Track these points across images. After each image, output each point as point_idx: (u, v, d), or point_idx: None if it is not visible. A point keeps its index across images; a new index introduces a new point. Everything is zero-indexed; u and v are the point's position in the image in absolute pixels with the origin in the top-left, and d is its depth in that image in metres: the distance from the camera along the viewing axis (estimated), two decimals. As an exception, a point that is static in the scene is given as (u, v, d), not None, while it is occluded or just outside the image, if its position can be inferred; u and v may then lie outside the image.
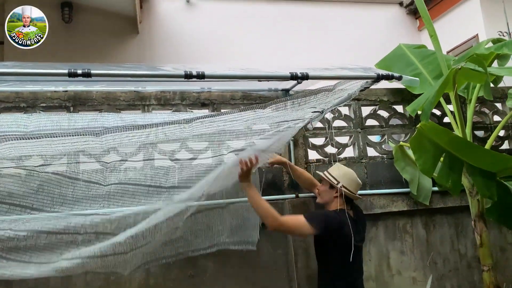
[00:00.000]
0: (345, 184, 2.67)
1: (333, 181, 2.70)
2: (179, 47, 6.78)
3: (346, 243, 2.56)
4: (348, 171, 2.76)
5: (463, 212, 3.63)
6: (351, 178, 2.71)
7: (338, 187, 2.66)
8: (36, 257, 2.26)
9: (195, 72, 2.05)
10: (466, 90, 3.67)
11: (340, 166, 2.82)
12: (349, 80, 2.59)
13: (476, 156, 2.89)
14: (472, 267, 3.64)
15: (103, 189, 2.54)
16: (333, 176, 2.72)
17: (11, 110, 2.96)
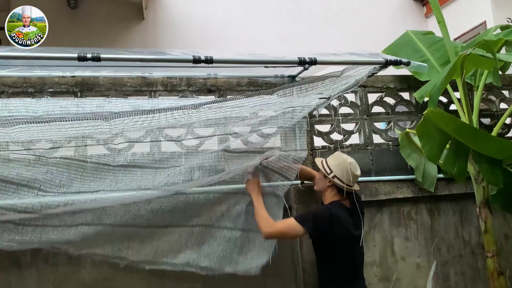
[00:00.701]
0: (338, 175, 2.62)
1: (327, 170, 2.67)
2: (184, 33, 6.76)
3: (339, 238, 2.56)
4: (344, 161, 2.66)
5: (468, 199, 3.65)
6: (345, 169, 2.62)
7: (329, 177, 2.65)
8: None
9: (204, 57, 2.05)
10: (473, 77, 3.65)
11: (339, 156, 2.76)
12: (356, 66, 2.58)
13: (482, 143, 2.89)
14: (476, 254, 3.66)
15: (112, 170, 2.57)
16: (328, 165, 2.68)
17: (19, 95, 2.97)
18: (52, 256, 2.88)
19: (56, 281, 2.86)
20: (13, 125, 2.11)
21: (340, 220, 2.56)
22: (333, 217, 2.56)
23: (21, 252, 2.83)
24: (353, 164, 2.68)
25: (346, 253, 2.62)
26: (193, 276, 3.05)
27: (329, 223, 2.54)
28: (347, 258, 2.63)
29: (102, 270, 2.93)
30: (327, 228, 2.54)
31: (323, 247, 2.66)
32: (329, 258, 2.65)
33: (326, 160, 2.74)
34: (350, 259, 2.64)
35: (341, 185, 2.62)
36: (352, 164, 2.67)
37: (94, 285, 2.91)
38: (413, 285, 3.48)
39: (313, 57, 2.32)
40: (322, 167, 2.70)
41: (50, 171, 2.47)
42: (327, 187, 2.69)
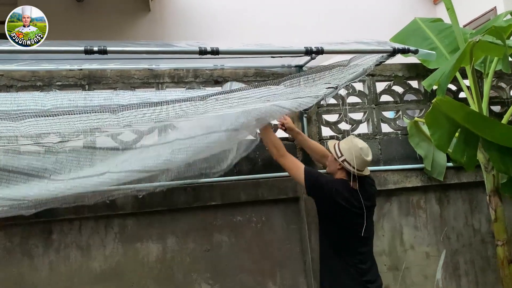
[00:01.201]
0: (348, 159, 2.63)
1: (337, 153, 2.68)
2: (191, 24, 6.74)
3: (339, 209, 2.59)
4: (355, 146, 2.65)
5: (477, 187, 3.63)
6: (355, 154, 2.62)
7: (339, 161, 2.66)
8: None
9: (210, 48, 2.05)
10: (483, 64, 3.60)
11: (351, 140, 2.74)
12: (364, 55, 2.55)
13: (492, 131, 2.86)
14: (486, 242, 3.65)
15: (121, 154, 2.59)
16: (340, 149, 2.69)
17: (27, 89, 2.99)
18: (64, 248, 2.92)
19: (68, 273, 2.90)
20: (22, 119, 2.12)
21: (340, 192, 2.61)
22: (335, 187, 2.62)
23: (34, 244, 2.88)
24: (364, 149, 2.66)
25: (346, 226, 2.64)
26: (203, 266, 3.09)
27: (328, 192, 2.61)
28: (346, 230, 2.66)
29: (113, 262, 2.97)
30: (324, 195, 2.63)
31: (320, 216, 2.77)
32: (325, 229, 2.74)
33: (339, 143, 2.75)
34: (350, 233, 2.66)
35: (350, 169, 2.62)
36: (363, 150, 2.65)
37: (106, 276, 2.95)
38: (422, 274, 3.48)
39: (320, 47, 2.30)
40: (333, 150, 2.71)
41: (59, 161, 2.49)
42: (337, 170, 2.71)
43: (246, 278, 3.16)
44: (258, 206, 3.24)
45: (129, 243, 3.02)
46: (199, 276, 3.09)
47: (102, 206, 2.95)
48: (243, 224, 3.22)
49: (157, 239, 3.07)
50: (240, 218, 3.22)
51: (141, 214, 3.05)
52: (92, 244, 2.97)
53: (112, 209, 2.97)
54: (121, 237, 3.02)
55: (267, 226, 3.25)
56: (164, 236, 3.08)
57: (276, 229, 3.26)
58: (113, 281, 2.95)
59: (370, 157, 2.69)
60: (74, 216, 2.92)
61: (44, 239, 2.91)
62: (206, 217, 3.16)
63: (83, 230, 2.97)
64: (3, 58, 2.84)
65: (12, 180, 2.40)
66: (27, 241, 2.88)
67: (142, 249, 3.03)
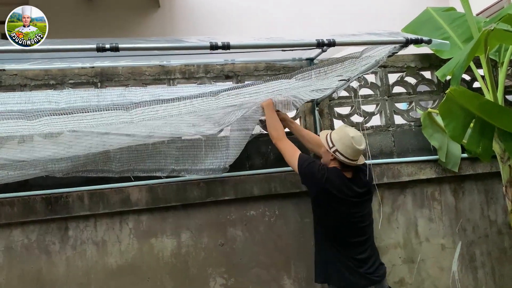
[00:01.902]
0: (339, 149, 2.60)
1: (329, 144, 2.66)
2: (201, 19, 6.74)
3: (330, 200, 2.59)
4: (346, 135, 2.62)
5: (493, 178, 3.58)
6: (347, 143, 2.59)
7: (331, 152, 2.64)
8: None
9: (221, 43, 2.04)
10: (498, 53, 3.53)
11: (342, 129, 2.71)
12: (376, 46, 2.52)
13: (508, 121, 2.81)
14: (503, 233, 3.60)
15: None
16: (331, 139, 2.67)
17: (41, 87, 3.02)
18: (80, 244, 2.96)
19: (84, 269, 2.94)
20: (36, 117, 2.15)
21: (331, 180, 2.60)
22: (326, 175, 2.61)
23: (50, 241, 2.93)
24: (356, 138, 2.62)
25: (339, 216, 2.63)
26: (217, 261, 3.11)
27: (320, 177, 2.60)
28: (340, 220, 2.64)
29: (128, 257, 3.00)
30: (317, 181, 2.61)
31: (313, 205, 2.78)
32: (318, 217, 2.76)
33: (331, 133, 2.72)
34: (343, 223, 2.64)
35: (342, 159, 2.61)
36: (355, 138, 2.61)
37: (122, 272, 2.99)
38: (438, 266, 3.45)
39: (332, 39, 2.28)
40: (325, 141, 2.69)
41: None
42: (330, 161, 2.69)
43: (260, 271, 3.17)
44: (271, 200, 3.24)
45: (144, 239, 3.05)
46: (213, 270, 3.10)
47: (116, 202, 2.99)
48: (256, 218, 3.22)
49: (171, 234, 3.09)
50: (253, 212, 3.23)
51: (156, 210, 3.07)
52: (108, 240, 3.01)
53: (127, 205, 3.00)
54: (136, 233, 3.05)
55: (280, 220, 3.25)
56: (179, 231, 3.10)
57: (290, 222, 3.26)
58: (129, 276, 2.99)
59: (363, 146, 2.65)
60: (89, 213, 2.96)
61: (60, 236, 2.95)
62: (220, 212, 3.18)
63: (99, 226, 3.01)
64: (16, 58, 2.87)
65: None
66: (44, 238, 2.93)
67: (157, 244, 3.06)
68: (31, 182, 2.94)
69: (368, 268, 2.65)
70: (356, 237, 2.67)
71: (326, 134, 2.74)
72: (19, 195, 2.90)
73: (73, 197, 2.94)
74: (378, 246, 3.33)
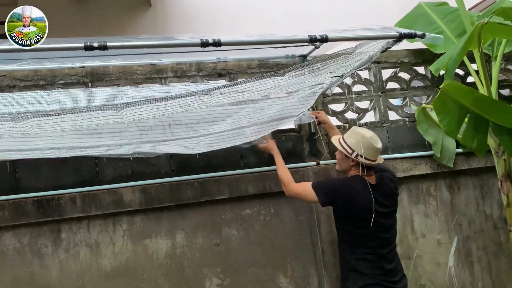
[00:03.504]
0: (361, 153, 2.53)
1: (348, 150, 2.59)
2: (193, 18, 6.69)
3: (354, 210, 2.51)
4: (364, 137, 2.57)
5: (488, 172, 3.58)
6: (367, 145, 2.54)
7: (352, 157, 2.57)
8: None
9: (212, 40, 2.01)
10: (491, 47, 3.52)
11: (356, 132, 2.65)
12: (370, 42, 2.50)
13: (502, 115, 2.81)
14: (498, 228, 3.60)
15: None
16: (348, 145, 2.60)
17: (30, 88, 2.98)
18: (73, 247, 2.92)
19: (78, 271, 2.90)
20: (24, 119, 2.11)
21: (355, 192, 2.52)
22: (349, 188, 2.54)
23: (43, 244, 2.88)
24: (374, 138, 2.59)
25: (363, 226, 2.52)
26: (213, 261, 3.08)
27: (344, 193, 2.54)
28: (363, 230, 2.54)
29: (123, 259, 2.97)
30: (341, 198, 2.54)
31: (338, 217, 2.67)
32: (345, 230, 2.64)
33: (344, 138, 2.65)
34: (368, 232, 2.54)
35: (367, 162, 2.54)
36: (372, 138, 2.58)
37: (116, 274, 2.95)
38: (434, 261, 3.44)
39: (324, 34, 2.25)
40: (342, 148, 2.62)
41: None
42: (351, 167, 2.62)
43: (256, 271, 3.14)
44: (266, 199, 3.21)
45: (138, 240, 3.02)
46: (209, 270, 3.08)
47: (109, 203, 2.95)
48: (252, 217, 3.20)
49: (166, 235, 3.06)
50: (248, 211, 3.20)
51: (149, 211, 3.04)
52: (101, 242, 2.97)
53: (120, 206, 2.96)
54: (130, 234, 3.01)
55: (276, 218, 3.23)
56: (173, 232, 3.07)
57: (285, 221, 3.24)
58: (123, 278, 2.95)
59: (380, 144, 2.62)
60: (82, 215, 2.92)
61: (53, 239, 2.91)
62: (215, 212, 3.15)
63: (92, 228, 2.97)
64: (4, 58, 2.82)
65: None
66: (36, 241, 2.88)
67: (152, 245, 3.03)
68: (22, 185, 2.89)
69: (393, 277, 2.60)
70: (382, 248, 2.60)
71: (339, 139, 2.67)
72: (10, 198, 2.85)
73: (65, 199, 2.90)
74: (374, 243, 3.33)
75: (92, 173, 3.01)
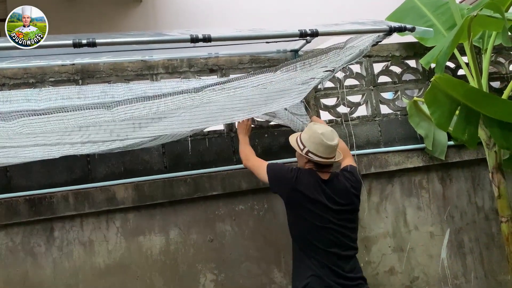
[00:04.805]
0: (312, 149, 2.44)
1: (300, 146, 2.50)
2: (183, 14, 6.66)
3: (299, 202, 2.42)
4: (315, 132, 2.46)
5: (479, 165, 3.61)
6: (316, 141, 2.43)
7: (303, 154, 2.48)
8: None
9: (202, 35, 2.00)
10: (481, 40, 3.54)
11: (311, 127, 2.54)
12: (360, 36, 2.50)
13: (493, 107, 2.82)
14: (490, 219, 3.63)
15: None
16: (301, 140, 2.50)
17: (20, 86, 2.95)
18: (67, 245, 2.91)
19: (72, 269, 2.90)
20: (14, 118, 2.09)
21: (300, 182, 2.43)
22: (295, 178, 2.45)
23: (36, 242, 2.87)
24: (327, 134, 2.45)
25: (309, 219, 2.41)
26: (207, 257, 3.08)
27: (288, 183, 2.46)
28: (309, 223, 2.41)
29: (116, 257, 2.96)
30: (284, 187, 2.48)
31: (287, 207, 2.56)
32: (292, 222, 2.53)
33: (300, 135, 2.57)
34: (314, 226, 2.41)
35: (317, 159, 2.44)
36: (325, 134, 2.45)
37: (110, 271, 2.95)
38: (427, 253, 3.47)
39: (315, 29, 2.25)
40: (295, 144, 2.54)
41: None
42: (305, 164, 2.53)
43: (251, 266, 3.15)
44: (259, 194, 3.22)
45: (132, 237, 3.01)
46: (203, 266, 3.08)
47: (102, 201, 2.94)
48: (245, 213, 3.20)
49: (159, 232, 3.06)
50: (242, 207, 3.21)
51: (143, 207, 3.03)
52: (95, 240, 2.96)
53: (113, 203, 2.96)
54: (124, 231, 3.00)
55: (269, 213, 3.24)
56: (167, 228, 3.07)
57: (279, 215, 3.24)
58: (117, 275, 2.95)
59: (335, 141, 2.47)
60: (75, 213, 2.91)
61: (46, 237, 2.90)
62: (208, 208, 3.15)
63: (85, 226, 2.96)
64: (-7, 57, 2.79)
65: None
66: (29, 240, 2.87)
67: (145, 242, 3.02)
68: (13, 184, 2.88)
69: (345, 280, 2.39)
70: (334, 247, 2.42)
71: (296, 136, 2.59)
72: (2, 197, 2.83)
73: (57, 197, 2.89)
74: (368, 236, 3.36)
75: (84, 171, 3.00)
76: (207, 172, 3.11)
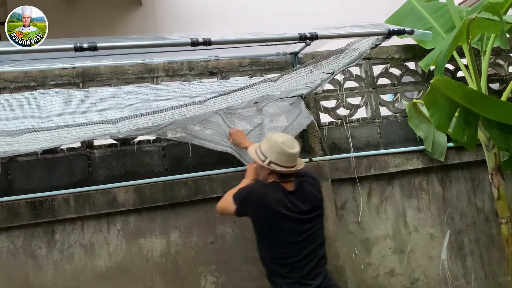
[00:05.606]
0: (273, 159, 2.34)
1: (261, 157, 2.39)
2: (184, 16, 6.68)
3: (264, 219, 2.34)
4: (275, 142, 2.36)
5: (479, 166, 3.62)
6: (278, 150, 2.33)
7: (265, 165, 2.37)
8: None
9: (202, 39, 2.01)
10: (480, 42, 3.56)
11: (270, 137, 2.44)
12: (360, 39, 2.52)
13: (492, 109, 2.83)
14: (490, 221, 3.64)
15: None
16: (262, 151, 2.40)
17: (21, 89, 2.96)
18: (68, 248, 2.92)
19: (73, 272, 2.90)
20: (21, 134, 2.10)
21: (265, 199, 2.33)
22: (260, 195, 2.35)
23: (37, 245, 2.88)
24: (287, 143, 2.37)
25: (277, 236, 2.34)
26: (208, 259, 3.09)
27: (254, 201, 2.36)
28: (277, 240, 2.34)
29: (117, 259, 2.97)
30: (252, 207, 2.37)
31: (254, 226, 2.47)
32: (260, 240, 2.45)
33: (260, 146, 2.47)
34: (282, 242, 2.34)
35: (280, 170, 2.35)
36: (286, 143, 2.36)
37: (111, 274, 2.95)
38: (427, 255, 3.48)
39: (314, 32, 2.26)
40: (256, 156, 2.44)
41: None
42: (268, 175, 2.42)
43: (251, 268, 3.15)
44: (260, 196, 3.22)
45: (133, 239, 3.02)
46: (204, 268, 3.09)
47: (103, 203, 2.95)
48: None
49: (160, 234, 3.06)
50: (242, 209, 3.21)
51: (143, 210, 3.04)
52: (96, 242, 2.97)
53: (114, 206, 2.96)
54: (124, 234, 3.01)
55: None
56: (168, 231, 3.07)
57: (279, 218, 3.25)
58: (118, 278, 2.95)
59: (296, 149, 2.39)
60: (76, 215, 2.91)
61: (47, 240, 2.90)
62: (208, 210, 3.15)
63: (86, 228, 2.96)
64: (-6, 61, 2.81)
65: None
66: (30, 243, 2.88)
67: (146, 244, 3.03)
68: (14, 187, 2.88)
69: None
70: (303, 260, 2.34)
71: (255, 148, 2.49)
72: (3, 200, 2.84)
73: (58, 200, 2.89)
74: (368, 238, 3.37)
75: (85, 174, 3.01)
76: (207, 174, 3.12)
